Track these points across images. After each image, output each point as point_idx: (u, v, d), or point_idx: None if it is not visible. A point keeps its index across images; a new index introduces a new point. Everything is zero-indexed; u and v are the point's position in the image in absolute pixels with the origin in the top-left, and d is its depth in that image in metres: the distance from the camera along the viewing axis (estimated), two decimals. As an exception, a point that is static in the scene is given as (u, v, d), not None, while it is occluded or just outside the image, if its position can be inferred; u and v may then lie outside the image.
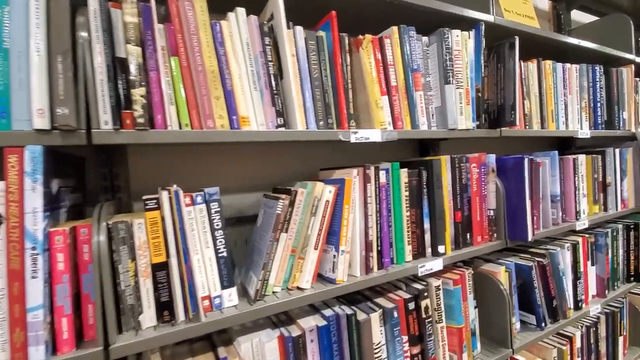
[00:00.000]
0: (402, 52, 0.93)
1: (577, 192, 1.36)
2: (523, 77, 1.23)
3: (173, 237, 0.66)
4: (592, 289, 1.45)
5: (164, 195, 0.66)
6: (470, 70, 1.03)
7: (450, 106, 0.99)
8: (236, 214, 1.02)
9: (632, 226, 1.58)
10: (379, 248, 0.90)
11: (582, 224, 1.35)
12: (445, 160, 1.00)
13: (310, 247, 0.80)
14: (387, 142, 1.24)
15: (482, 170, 1.08)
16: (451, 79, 0.99)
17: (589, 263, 1.42)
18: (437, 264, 0.95)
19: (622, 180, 1.55)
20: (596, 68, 1.45)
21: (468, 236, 1.05)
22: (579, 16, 2.19)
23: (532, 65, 1.27)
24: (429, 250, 0.98)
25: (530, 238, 1.08)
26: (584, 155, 1.44)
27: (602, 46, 1.49)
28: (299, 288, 0.79)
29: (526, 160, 1.07)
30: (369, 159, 1.24)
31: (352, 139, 0.82)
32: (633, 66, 1.59)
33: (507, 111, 1.05)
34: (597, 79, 1.46)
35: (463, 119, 1.01)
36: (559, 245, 1.33)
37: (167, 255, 0.66)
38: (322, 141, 0.95)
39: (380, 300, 0.94)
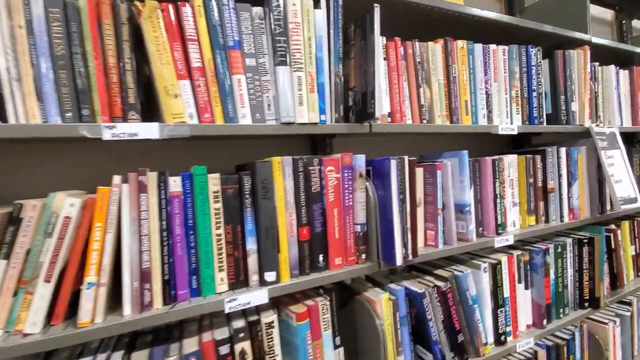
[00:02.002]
0: (208, 25, 0.72)
1: (499, 201, 1.10)
2: (417, 59, 0.99)
3: None
4: (526, 318, 1.17)
5: None
6: (318, 48, 0.80)
7: (283, 94, 0.76)
8: None
9: (585, 240, 1.29)
10: (167, 277, 0.68)
11: (504, 239, 1.08)
12: (279, 163, 0.77)
13: (41, 278, 0.59)
14: (283, 140, 1.03)
15: (346, 175, 0.85)
16: (286, 59, 0.76)
17: (520, 286, 1.15)
18: (259, 297, 0.73)
19: (570, 185, 1.26)
20: (531, 49, 1.18)
21: (321, 258, 0.82)
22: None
23: (434, 45, 1.02)
24: (254, 277, 0.76)
25: (400, 262, 0.84)
26: (515, 155, 1.18)
27: (539, 24, 1.21)
28: (24, 333, 0.59)
29: (393, 163, 0.83)
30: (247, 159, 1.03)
31: (107, 136, 0.61)
32: (588, 48, 1.30)
33: (368, 101, 0.81)
34: (533, 63, 1.18)
35: (304, 110, 0.78)
36: (474, 266, 1.08)
37: None
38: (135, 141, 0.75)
39: (175, 346, 0.72)
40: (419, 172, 0.99)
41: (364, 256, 0.86)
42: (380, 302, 0.89)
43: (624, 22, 2.04)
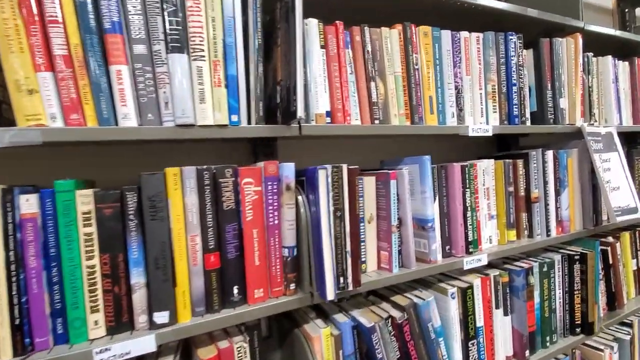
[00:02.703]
0: (75, 2, 0.56)
1: (470, 214, 0.93)
2: (367, 48, 0.82)
3: None
4: (506, 349, 1.00)
5: None
6: (227, 32, 0.64)
7: (178, 89, 0.61)
8: None
9: (576, 257, 1.11)
10: (18, 322, 0.53)
11: (476, 260, 0.91)
12: (175, 175, 0.62)
13: None
14: (217, 145, 0.85)
15: (270, 188, 0.69)
16: (182, 45, 0.61)
17: (498, 313, 0.98)
18: (143, 344, 0.58)
19: (558, 193, 1.09)
20: (510, 37, 1.01)
21: (236, 291, 0.67)
22: None
23: (390, 32, 0.86)
24: (142, 319, 0.60)
25: (331, 296, 0.68)
26: (492, 160, 1.00)
27: (522, 7, 1.04)
28: None
29: (321, 173, 0.67)
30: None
31: None
32: (580, 36, 1.12)
33: (290, 97, 0.65)
34: (513, 53, 1.01)
35: (207, 109, 0.63)
36: (441, 290, 0.91)
37: None
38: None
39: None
40: (370, 182, 0.82)
41: (293, 286, 0.71)
42: (320, 339, 0.74)
43: (626, 10, 1.84)
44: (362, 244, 0.81)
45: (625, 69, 1.31)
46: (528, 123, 1.07)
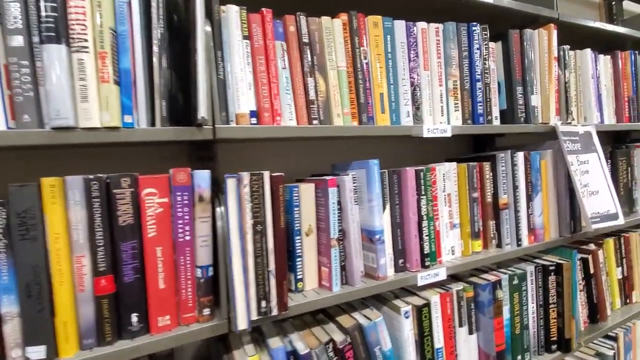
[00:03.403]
0: None
1: (426, 224, 0.83)
2: (304, 40, 0.73)
3: None
4: (470, 371, 0.91)
5: None
6: (119, 20, 0.55)
7: (55, 85, 0.51)
8: None
9: (551, 267, 1.02)
10: None
11: (433, 275, 0.82)
12: (52, 187, 0.52)
13: None
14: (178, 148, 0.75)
15: (180, 199, 0.60)
16: (58, 34, 0.52)
17: (462, 331, 0.89)
18: (8, 387, 0.49)
19: (531, 199, 0.99)
20: (474, 28, 0.91)
21: (135, 319, 0.57)
22: (632, 7, 1.86)
23: (332, 22, 0.76)
24: (15, 353, 0.51)
25: (242, 325, 0.58)
26: (454, 163, 0.91)
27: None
28: None
29: (230, 182, 0.58)
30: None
31: None
32: (554, 27, 1.03)
33: (192, 96, 0.55)
34: (477, 46, 0.92)
35: (92, 110, 0.53)
36: (394, 308, 0.82)
37: None
38: None
39: None
40: (307, 190, 0.73)
41: (207, 312, 0.61)
42: (246, 369, 0.64)
43: (613, 3, 1.74)
44: (299, 259, 0.72)
45: (607, 63, 1.21)
46: (497, 122, 0.98)
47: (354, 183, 0.78)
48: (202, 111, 0.52)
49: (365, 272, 0.80)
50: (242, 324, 0.57)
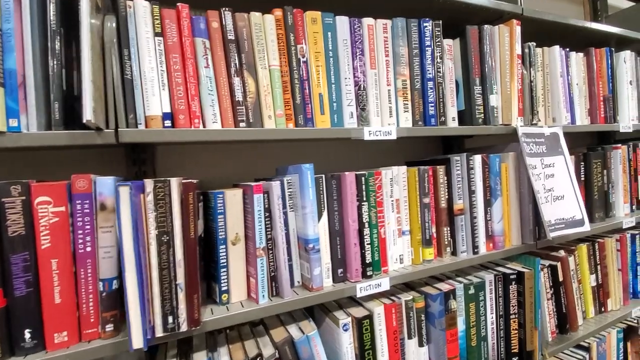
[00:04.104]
0: None
1: (368, 232, 0.79)
2: (230, 37, 0.68)
3: None
4: (420, 385, 0.86)
5: None
6: (4, 18, 0.51)
7: None
8: None
9: (512, 276, 0.96)
10: None
11: (375, 285, 0.77)
12: None
13: None
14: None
15: (79, 207, 0.56)
16: None
17: (411, 343, 0.84)
18: None
19: (489, 204, 0.94)
20: (425, 23, 0.86)
21: (28, 335, 0.54)
22: (617, 2, 1.86)
23: (263, 18, 0.72)
24: None
25: (137, 344, 0.54)
26: (404, 167, 0.86)
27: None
28: None
29: (122, 191, 0.54)
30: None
31: None
32: (516, 23, 0.97)
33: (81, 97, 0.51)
34: (429, 43, 0.86)
35: (-30, 112, 0.50)
36: (334, 320, 0.77)
37: None
38: None
39: None
40: (234, 197, 0.69)
41: (110, 327, 0.57)
42: (162, 386, 0.60)
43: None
44: (223, 270, 0.68)
45: (580, 61, 1.15)
46: (454, 123, 0.92)
47: (290, 189, 0.74)
48: (88, 113, 0.48)
49: (303, 282, 0.76)
50: (136, 342, 0.53)
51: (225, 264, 0.67)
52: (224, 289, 0.68)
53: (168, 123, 0.62)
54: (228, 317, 0.64)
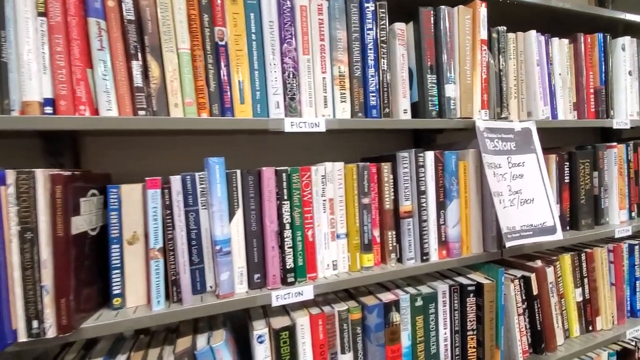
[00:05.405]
0: None
1: (289, 234, 0.71)
2: (129, 17, 0.63)
3: None
4: (354, 405, 0.78)
5: None
6: None
7: None
8: None
9: (470, 287, 0.86)
10: None
11: (295, 293, 0.69)
12: None
13: None
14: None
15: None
16: None
17: (345, 358, 0.76)
18: None
19: (443, 207, 0.84)
20: (367, 4, 0.77)
21: None
22: None
23: (172, -4, 0.66)
24: None
25: None
26: (341, 163, 0.78)
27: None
28: None
29: None
30: None
31: None
32: (481, 5, 0.86)
33: None
34: (371, 26, 0.78)
35: None
36: (251, 330, 0.70)
37: None
38: None
39: None
40: (131, 192, 0.63)
41: (-29, 330, 0.53)
42: (41, 395, 0.56)
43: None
44: (116, 272, 0.62)
45: (564, 48, 1.03)
46: (406, 116, 0.84)
47: (202, 184, 0.68)
48: None
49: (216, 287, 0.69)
50: (-21, 350, 0.48)
51: (118, 265, 0.62)
52: (116, 292, 0.62)
53: (49, 109, 0.57)
54: (111, 325, 0.58)
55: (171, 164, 0.89)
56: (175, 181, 0.62)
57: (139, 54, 0.63)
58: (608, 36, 1.08)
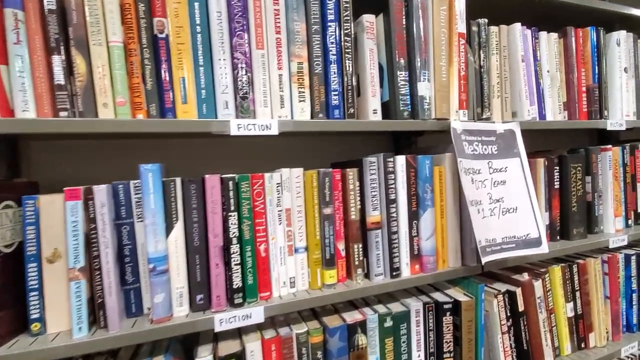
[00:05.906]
0: None
1: (236, 249, 0.64)
2: (50, 7, 0.56)
3: None
4: None
5: None
6: None
7: None
8: None
9: (447, 305, 0.78)
10: None
11: (242, 316, 0.62)
12: None
13: None
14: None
15: None
16: None
17: (301, 387, 0.69)
18: None
19: (416, 217, 0.77)
20: (328, -6, 0.70)
21: None
22: None
23: (102, -17, 0.58)
24: None
25: None
26: (300, 169, 0.70)
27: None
28: None
29: None
30: None
31: None
32: (461, -4, 0.79)
33: None
34: (332, 17, 0.70)
35: None
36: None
37: None
38: None
39: None
40: (51, 203, 0.56)
41: None
42: None
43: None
44: (34, 293, 0.55)
45: (553, 43, 0.95)
46: (376, 117, 0.76)
47: (137, 194, 0.61)
48: None
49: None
50: None
51: (36, 286, 0.55)
52: (35, 316, 0.55)
53: (-54, 111, 0.50)
54: (20, 355, 0.51)
55: (121, 169, 0.82)
56: (99, 191, 0.55)
57: (62, 48, 0.56)
58: (602, 30, 1.00)
